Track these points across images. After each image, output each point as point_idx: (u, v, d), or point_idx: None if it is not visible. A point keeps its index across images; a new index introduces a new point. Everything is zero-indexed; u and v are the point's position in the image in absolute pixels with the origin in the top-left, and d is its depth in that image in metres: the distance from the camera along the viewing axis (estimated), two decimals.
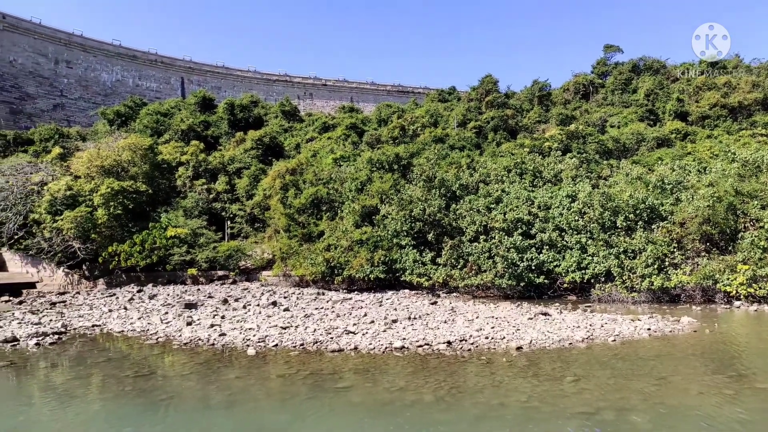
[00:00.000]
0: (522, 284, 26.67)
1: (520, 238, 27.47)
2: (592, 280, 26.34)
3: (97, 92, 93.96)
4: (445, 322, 18.75)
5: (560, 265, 27.00)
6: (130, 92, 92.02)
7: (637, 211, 27.27)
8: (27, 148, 51.33)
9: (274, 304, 23.92)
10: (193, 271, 35.05)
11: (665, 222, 26.66)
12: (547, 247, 27.61)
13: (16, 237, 36.97)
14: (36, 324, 19.73)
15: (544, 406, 10.42)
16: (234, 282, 34.74)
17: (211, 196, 43.66)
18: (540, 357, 14.19)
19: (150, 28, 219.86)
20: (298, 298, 26.31)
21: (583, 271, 26.43)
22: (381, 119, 64.84)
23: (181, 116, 59.19)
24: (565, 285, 26.97)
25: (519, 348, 15.02)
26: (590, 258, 26.63)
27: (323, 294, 28.29)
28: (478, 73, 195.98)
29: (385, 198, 33.21)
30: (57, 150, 45.14)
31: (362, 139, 53.80)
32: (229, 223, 42.00)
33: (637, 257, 25.49)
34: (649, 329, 17.37)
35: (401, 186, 34.35)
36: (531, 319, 19.34)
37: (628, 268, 25.33)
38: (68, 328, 19.16)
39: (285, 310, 22.16)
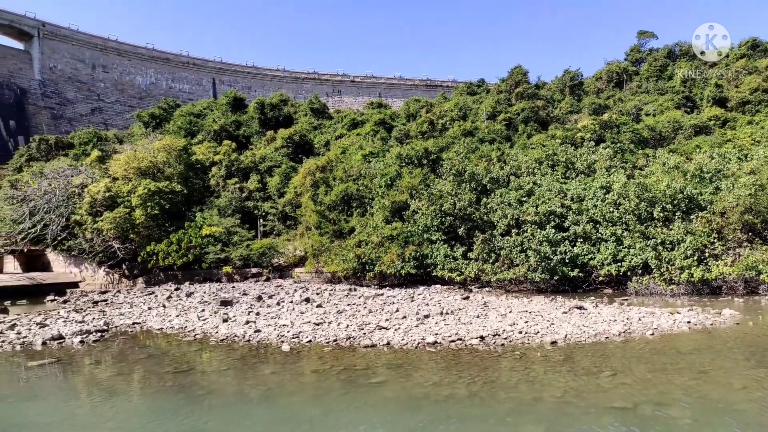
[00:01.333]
0: (555, 278, 26.28)
1: (553, 231, 27.06)
2: (629, 273, 25.77)
3: (133, 95, 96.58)
4: (478, 317, 18.66)
5: (595, 257, 26.50)
6: (163, 94, 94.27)
7: (675, 202, 26.52)
8: (68, 152, 53.26)
9: (307, 300, 24.21)
10: (227, 268, 35.74)
11: (704, 212, 25.86)
12: (581, 239, 27.13)
13: (59, 238, 38.38)
14: (80, 322, 20.46)
15: (580, 401, 10.28)
16: (267, 279, 35.28)
17: (243, 194, 44.38)
18: (575, 351, 13.99)
19: (181, 31, 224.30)
20: (330, 295, 26.57)
21: (619, 264, 25.88)
22: (409, 114, 64.70)
23: (213, 116, 60.34)
24: (601, 278, 26.45)
25: (553, 342, 14.84)
26: (626, 250, 26.05)
27: (355, 290, 28.48)
28: (507, 64, 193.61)
29: (414, 193, 33.16)
30: (96, 153, 46.61)
31: (391, 135, 53.80)
32: (261, 221, 42.62)
33: (676, 248, 24.81)
34: (689, 322, 16.92)
35: (431, 181, 34.23)
36: (565, 313, 19.07)
37: (666, 259, 24.68)
38: (110, 326, 19.82)
39: (318, 306, 22.41)
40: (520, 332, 15.88)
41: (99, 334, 18.18)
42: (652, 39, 72.81)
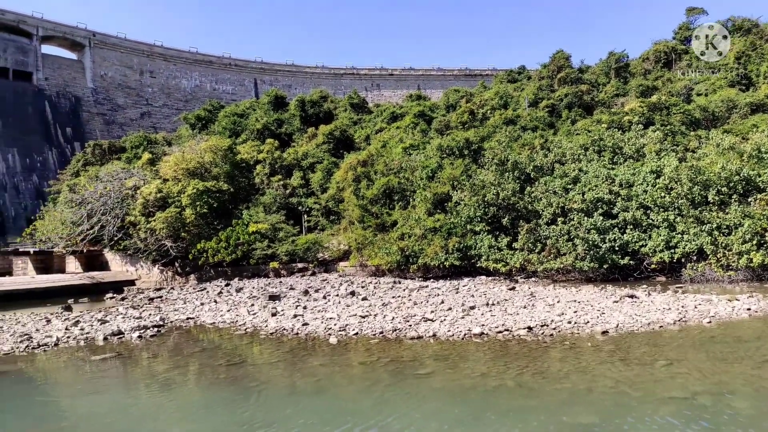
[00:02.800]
0: (605, 266, 25.60)
1: (601, 218, 26.35)
2: (683, 260, 24.84)
3: (179, 98, 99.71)
4: (525, 307, 18.42)
5: (646, 245, 25.67)
6: (208, 96, 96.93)
7: (731, 184, 25.33)
8: (120, 156, 55.52)
9: (353, 293, 24.48)
10: (274, 264, 36.51)
11: (763, 194, 24.57)
12: (631, 226, 26.32)
13: (115, 238, 40.15)
14: (137, 318, 21.39)
15: (635, 392, 10.03)
16: (313, 273, 35.83)
17: (287, 191, 45.16)
18: (628, 341, 13.63)
19: (223, 33, 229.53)
20: (375, 288, 26.77)
21: (672, 251, 24.97)
22: (449, 105, 64.17)
23: (256, 116, 61.60)
24: (653, 266, 25.61)
25: (605, 332, 14.50)
26: (680, 236, 25.10)
27: (399, 282, 28.59)
28: (548, 50, 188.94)
29: (456, 184, 32.93)
30: (146, 156, 48.41)
31: (431, 126, 53.53)
32: (305, 216, 43.30)
33: (733, 233, 23.72)
34: (748, 309, 16.19)
35: (473, 171, 33.89)
36: (616, 302, 18.58)
37: (723, 245, 23.64)
38: (166, 321, 20.62)
39: (363, 299, 22.64)
40: (569, 322, 15.59)
41: (155, 329, 18.95)
42: (702, 15, 69.30)
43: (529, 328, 15.15)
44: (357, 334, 16.14)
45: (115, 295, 31.88)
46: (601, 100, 53.20)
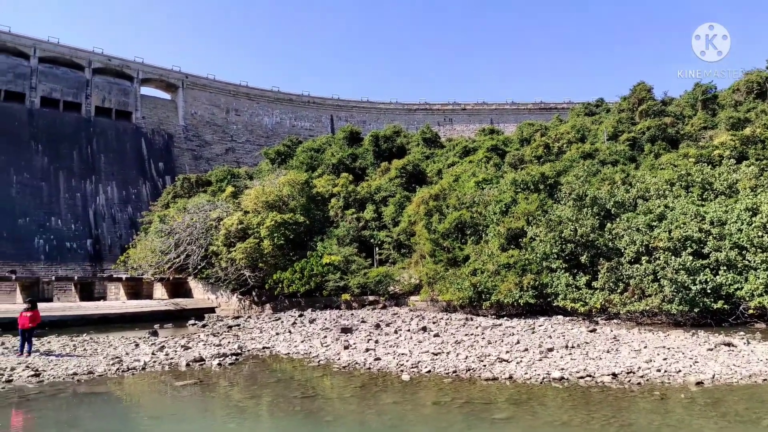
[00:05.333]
0: (696, 310, 23.78)
1: (691, 258, 24.64)
2: None
3: (260, 135, 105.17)
4: (608, 351, 17.42)
5: (742, 287, 23.66)
6: (287, 132, 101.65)
7: None
8: (206, 189, 59.01)
9: (424, 329, 24.21)
10: (346, 296, 36.95)
11: None
12: (725, 267, 24.41)
13: (199, 267, 42.36)
14: (217, 345, 22.24)
15: None
16: (384, 307, 35.87)
17: (360, 224, 45.93)
18: (726, 394, 12.51)
19: (301, 71, 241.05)
20: (446, 324, 26.36)
21: None
22: (523, 139, 63.28)
23: (332, 151, 63.62)
24: (750, 311, 23.52)
25: (699, 383, 13.38)
26: None
27: (472, 319, 27.99)
28: (627, 82, 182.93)
29: (531, 219, 32.12)
30: (230, 189, 51.16)
31: (504, 161, 52.89)
32: (377, 249, 43.72)
33: None
34: None
35: (548, 206, 32.99)
36: (711, 350, 17.16)
37: None
38: (243, 350, 21.28)
39: (435, 335, 22.32)
40: (658, 370, 14.54)
41: (234, 357, 19.58)
42: None
43: (614, 375, 14.27)
44: (429, 371, 15.87)
45: (196, 322, 33.42)
46: (687, 133, 50.50)
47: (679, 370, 14.46)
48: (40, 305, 23.41)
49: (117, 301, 44.29)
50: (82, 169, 79.79)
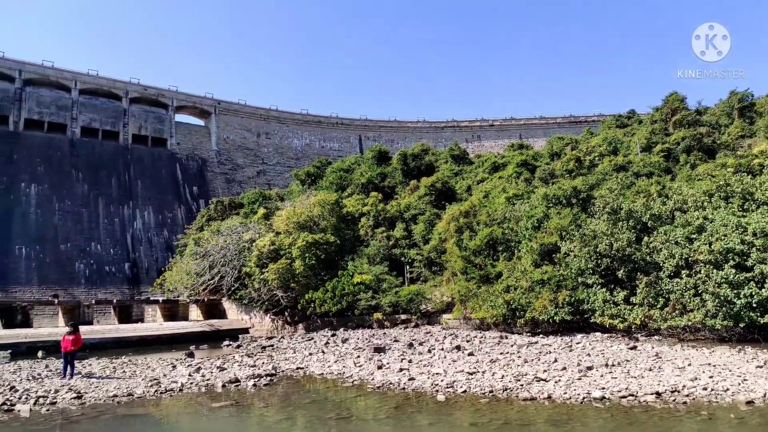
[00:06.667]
0: (741, 325, 22.84)
1: (734, 271, 23.71)
2: None
3: (291, 157, 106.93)
4: (650, 369, 16.83)
5: None
6: (316, 153, 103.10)
7: None
8: (239, 211, 60.12)
9: (458, 348, 23.89)
10: (378, 315, 36.83)
11: None
12: None
13: (232, 288, 42.95)
14: (252, 366, 22.39)
15: None
16: (416, 325, 35.59)
17: (390, 242, 45.94)
18: None
19: (329, 93, 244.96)
20: (480, 342, 25.96)
21: None
22: (553, 153, 62.62)
23: (361, 170, 64.16)
24: None
25: (749, 402, 12.79)
26: None
27: (506, 337, 27.49)
28: (659, 93, 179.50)
29: (564, 234, 31.55)
30: (261, 211, 51.99)
31: (534, 176, 52.35)
32: (408, 267, 43.57)
33: None
34: None
35: (582, 221, 32.37)
36: (760, 367, 16.40)
37: None
38: (277, 371, 21.36)
39: (469, 354, 21.99)
40: (705, 389, 13.96)
41: (268, 378, 19.67)
42: None
43: (658, 394, 13.76)
44: (465, 391, 15.61)
45: (231, 343, 33.74)
46: (723, 143, 49.16)
47: (727, 389, 13.86)
48: (81, 328, 24.04)
49: (154, 323, 45.18)
50: (120, 195, 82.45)
